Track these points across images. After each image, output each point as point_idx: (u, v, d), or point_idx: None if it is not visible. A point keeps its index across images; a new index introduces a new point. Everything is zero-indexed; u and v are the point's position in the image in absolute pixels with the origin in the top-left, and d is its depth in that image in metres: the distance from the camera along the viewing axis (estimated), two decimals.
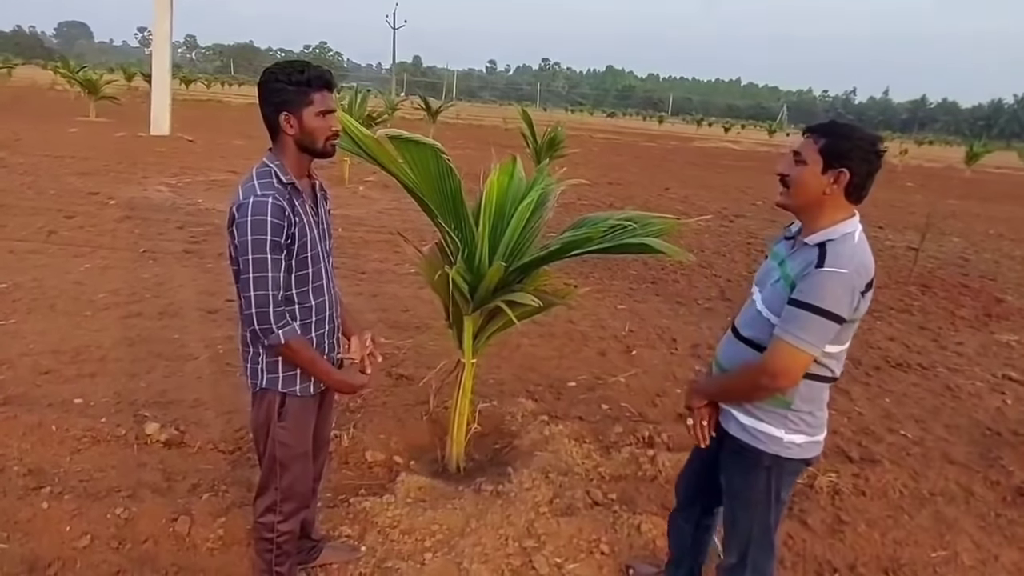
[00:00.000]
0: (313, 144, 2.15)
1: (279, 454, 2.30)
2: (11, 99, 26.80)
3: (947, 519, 3.49)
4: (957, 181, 28.10)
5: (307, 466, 2.41)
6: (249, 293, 2.06)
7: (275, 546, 2.40)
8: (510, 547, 2.94)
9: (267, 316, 2.07)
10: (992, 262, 10.65)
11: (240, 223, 2.04)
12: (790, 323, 1.93)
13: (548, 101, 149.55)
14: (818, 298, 1.88)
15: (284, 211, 2.06)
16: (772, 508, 2.18)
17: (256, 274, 2.04)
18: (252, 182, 2.09)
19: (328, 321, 2.32)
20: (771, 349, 1.97)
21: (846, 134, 1.96)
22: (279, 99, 2.09)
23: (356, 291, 6.42)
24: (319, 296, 2.26)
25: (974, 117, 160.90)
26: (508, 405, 4.23)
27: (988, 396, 5.24)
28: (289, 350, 2.14)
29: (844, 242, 1.95)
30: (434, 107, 23.22)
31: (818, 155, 1.97)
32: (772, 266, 2.14)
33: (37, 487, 3.10)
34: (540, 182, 3.42)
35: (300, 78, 2.07)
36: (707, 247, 9.80)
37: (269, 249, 2.04)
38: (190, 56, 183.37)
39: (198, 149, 16.15)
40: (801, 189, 2.01)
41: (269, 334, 2.09)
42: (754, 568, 2.27)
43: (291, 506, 2.39)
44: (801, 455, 2.11)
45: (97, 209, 8.85)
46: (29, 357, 4.38)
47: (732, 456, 2.22)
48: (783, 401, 2.06)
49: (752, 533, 2.23)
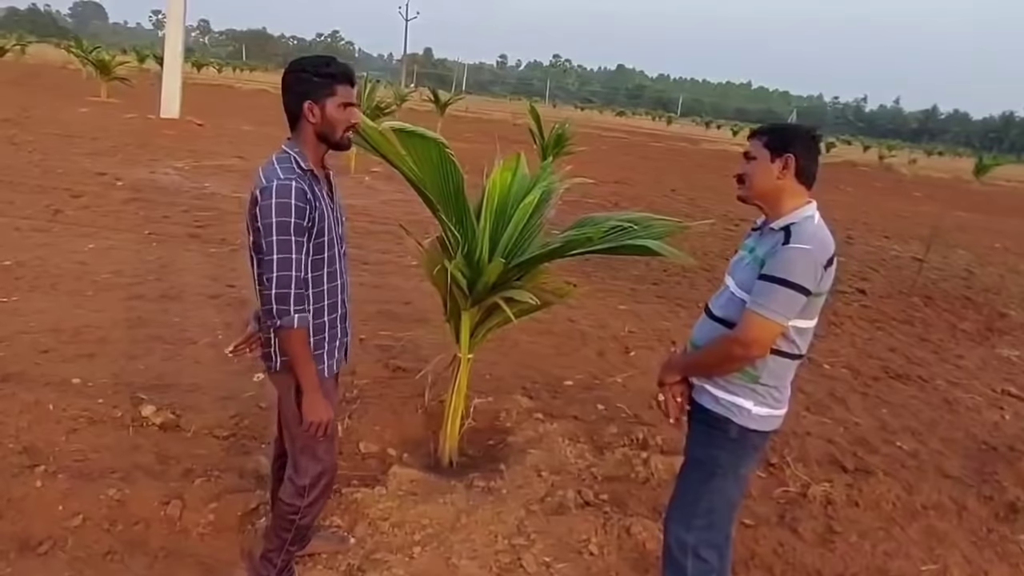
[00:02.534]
0: (332, 134, 2.23)
1: (302, 435, 2.33)
2: (24, 76, 26.83)
3: (939, 533, 3.48)
4: (965, 193, 27.99)
5: (330, 447, 2.45)
6: (272, 274, 2.11)
7: (295, 527, 2.45)
8: (499, 544, 2.95)
9: (287, 297, 2.12)
10: (997, 276, 10.62)
11: (264, 205, 2.09)
12: (760, 296, 2.09)
13: (558, 98, 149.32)
14: (786, 272, 2.06)
15: (306, 195, 2.14)
16: (731, 481, 2.31)
17: (280, 255, 2.10)
18: (273, 166, 2.16)
19: (340, 306, 2.39)
20: (743, 321, 2.12)
21: (785, 127, 2.27)
22: (304, 88, 2.19)
23: (358, 281, 6.41)
24: (332, 281, 2.32)
25: (985, 129, 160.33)
26: (503, 401, 4.23)
27: (986, 410, 5.23)
28: (294, 337, 2.17)
29: (805, 224, 2.14)
30: (443, 100, 23.22)
31: (764, 149, 2.21)
32: (743, 255, 2.32)
33: (32, 465, 3.11)
34: (543, 180, 3.41)
35: (326, 70, 2.18)
36: (711, 250, 9.78)
37: (293, 231, 2.11)
38: (203, 40, 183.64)
39: (207, 133, 16.16)
40: (756, 181, 2.23)
41: (284, 315, 2.13)
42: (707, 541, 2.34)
43: (318, 491, 2.43)
44: (764, 427, 2.26)
45: (104, 190, 8.87)
46: (29, 335, 4.40)
47: (700, 427, 2.35)
48: (752, 375, 2.20)
49: (711, 504, 2.33)
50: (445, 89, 56.57)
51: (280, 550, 2.48)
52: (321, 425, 2.26)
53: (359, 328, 5.15)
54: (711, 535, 2.36)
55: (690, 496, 2.37)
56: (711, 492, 2.31)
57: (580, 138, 15.74)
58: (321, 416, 2.25)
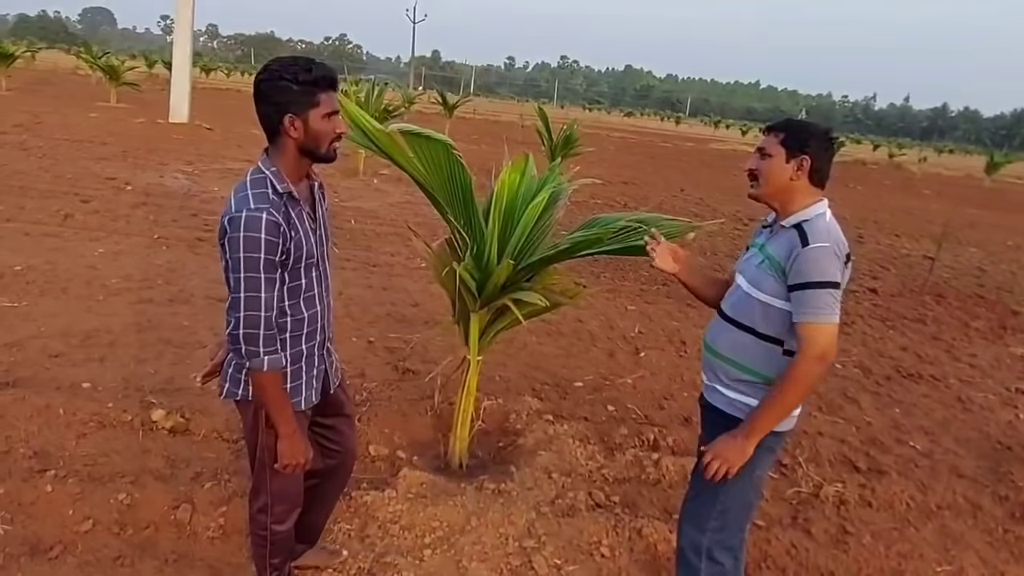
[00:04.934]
0: (317, 148, 2.03)
1: (267, 460, 2.22)
2: (34, 82, 27.03)
3: (953, 533, 3.45)
4: (976, 190, 27.78)
5: (287, 483, 2.32)
6: (239, 313, 1.95)
7: (269, 543, 2.40)
8: (510, 546, 2.93)
9: (256, 338, 1.97)
10: (1009, 273, 10.52)
11: (232, 238, 1.92)
12: (804, 306, 2.06)
13: (566, 99, 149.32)
14: (815, 273, 2.05)
15: (279, 227, 1.95)
16: (745, 483, 2.27)
17: (248, 294, 1.94)
18: (246, 191, 1.96)
19: (320, 332, 2.23)
20: (803, 339, 2.07)
21: (803, 126, 2.20)
22: (283, 99, 1.95)
23: (366, 284, 6.43)
24: (311, 307, 2.17)
25: (996, 126, 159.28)
26: (513, 403, 4.22)
27: (1000, 409, 5.18)
28: (265, 379, 2.03)
29: (818, 221, 2.13)
30: (451, 102, 23.24)
31: (780, 147, 2.17)
32: (752, 252, 2.30)
33: (42, 470, 3.11)
34: (552, 181, 3.40)
35: (307, 77, 1.94)
36: (720, 250, 9.74)
37: (263, 268, 1.93)
38: (211, 45, 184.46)
39: (216, 137, 16.22)
40: (770, 179, 2.19)
41: (253, 357, 1.99)
42: (721, 543, 2.33)
43: (283, 507, 2.35)
44: (778, 428, 2.21)
45: (113, 194, 8.91)
46: (39, 340, 4.41)
47: (713, 429, 2.32)
48: (765, 377, 2.19)
49: (724, 505, 2.30)
50: (453, 91, 56.68)
51: (264, 566, 2.43)
52: (298, 467, 2.17)
53: (367, 330, 5.16)
54: (725, 537, 2.34)
55: (704, 497, 2.35)
56: (725, 494, 2.29)
57: (588, 139, 15.73)
58: (298, 458, 2.15)
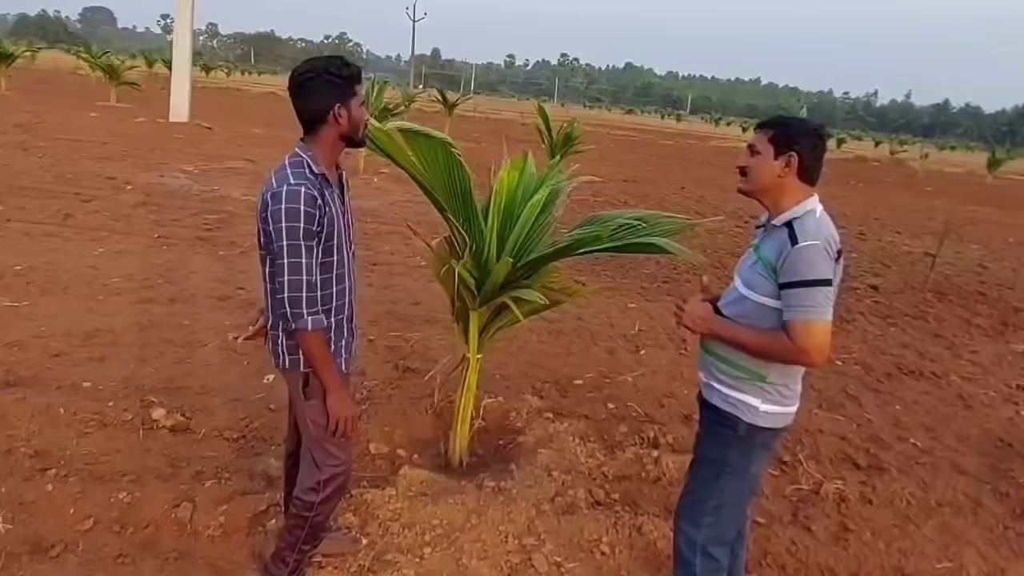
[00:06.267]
0: (356, 133, 2.25)
1: (314, 432, 2.35)
2: (34, 82, 27.04)
3: (954, 530, 3.45)
4: (978, 187, 27.74)
5: (346, 445, 2.45)
6: (283, 278, 2.14)
7: (308, 524, 2.45)
8: (510, 544, 2.94)
9: (300, 300, 2.15)
10: (1010, 270, 10.51)
11: (274, 211, 2.11)
12: (795, 303, 2.06)
13: (566, 97, 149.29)
14: (806, 271, 2.04)
15: (316, 200, 2.14)
16: (742, 478, 2.29)
17: (291, 260, 2.12)
18: (285, 171, 2.16)
19: (348, 307, 2.39)
20: (792, 334, 2.07)
21: (792, 123, 2.19)
22: (334, 92, 2.17)
23: (367, 282, 6.42)
24: (340, 283, 2.33)
25: (997, 123, 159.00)
26: (513, 401, 4.22)
27: (1001, 406, 5.17)
28: (310, 339, 2.20)
29: (808, 218, 2.12)
30: (451, 100, 23.24)
31: (769, 144, 2.17)
32: (748, 253, 2.31)
33: (43, 469, 3.12)
34: (551, 179, 3.39)
35: (348, 72, 2.18)
36: (721, 248, 9.73)
37: (303, 236, 2.12)
38: (212, 44, 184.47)
39: (216, 137, 16.23)
40: (758, 175, 2.20)
41: (299, 319, 2.17)
42: (716, 539, 2.35)
43: (332, 488, 2.42)
44: (773, 424, 2.24)
45: (114, 194, 8.92)
46: (40, 339, 4.42)
47: (709, 425, 2.35)
48: (758, 374, 2.19)
49: (720, 501, 2.32)
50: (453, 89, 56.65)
51: (293, 549, 2.48)
52: (346, 420, 2.30)
53: (368, 329, 5.16)
54: (720, 532, 2.35)
55: (699, 494, 2.36)
56: (720, 490, 2.30)
57: (588, 137, 15.72)
58: (346, 412, 2.30)
